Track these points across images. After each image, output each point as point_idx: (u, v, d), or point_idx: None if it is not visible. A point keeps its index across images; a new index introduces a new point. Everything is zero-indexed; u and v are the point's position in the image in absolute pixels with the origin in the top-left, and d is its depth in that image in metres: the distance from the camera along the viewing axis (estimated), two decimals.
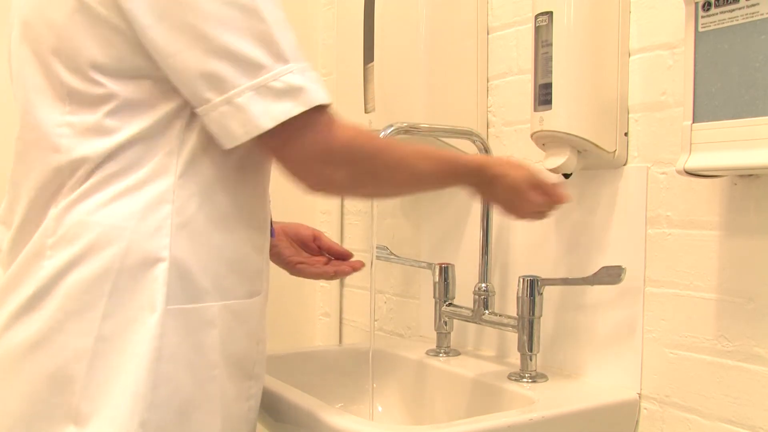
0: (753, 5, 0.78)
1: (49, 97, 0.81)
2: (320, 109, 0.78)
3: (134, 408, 0.76)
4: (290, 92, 0.76)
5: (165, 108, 0.79)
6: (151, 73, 0.78)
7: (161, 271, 0.79)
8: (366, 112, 1.29)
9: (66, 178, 0.80)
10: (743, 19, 0.79)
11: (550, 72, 1.01)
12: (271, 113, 0.76)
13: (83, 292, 0.77)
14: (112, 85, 0.78)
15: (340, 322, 1.69)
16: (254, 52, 0.75)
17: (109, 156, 0.79)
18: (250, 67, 0.75)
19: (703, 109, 0.83)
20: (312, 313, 1.77)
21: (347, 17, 1.34)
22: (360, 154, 0.83)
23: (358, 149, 0.83)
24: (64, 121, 0.80)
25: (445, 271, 1.24)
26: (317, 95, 0.77)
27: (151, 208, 0.79)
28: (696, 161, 0.84)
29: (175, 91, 0.79)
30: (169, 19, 0.75)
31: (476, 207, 1.25)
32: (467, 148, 1.24)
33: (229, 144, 0.78)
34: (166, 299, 0.78)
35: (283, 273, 1.12)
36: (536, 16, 1.04)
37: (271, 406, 1.01)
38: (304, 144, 0.79)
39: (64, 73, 0.79)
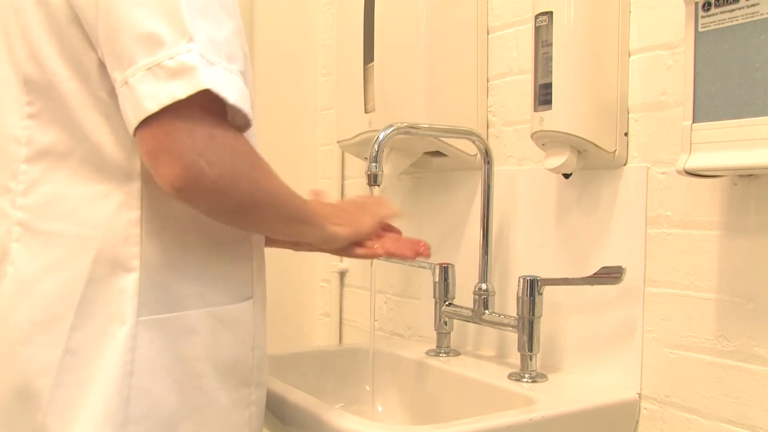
0: (753, 5, 0.78)
1: (14, 89, 0.79)
2: (216, 101, 0.70)
3: (104, 425, 0.73)
4: (181, 72, 0.68)
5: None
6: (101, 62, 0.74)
7: (131, 281, 0.76)
8: (366, 112, 1.29)
9: (24, 171, 0.78)
10: (743, 19, 0.79)
11: (550, 72, 1.01)
12: (158, 95, 0.67)
13: (52, 302, 0.75)
14: (64, 75, 0.76)
15: (340, 322, 1.69)
16: (156, 27, 0.68)
17: (70, 151, 0.77)
18: (150, 43, 0.68)
19: (703, 109, 0.83)
20: (312, 313, 1.77)
21: (347, 17, 1.34)
22: (244, 151, 0.75)
23: (244, 146, 0.75)
24: (24, 113, 0.78)
25: (445, 271, 1.24)
26: (209, 80, 0.68)
27: (118, 215, 0.76)
28: (696, 161, 0.84)
29: None
30: None
31: (476, 207, 1.26)
32: (467, 148, 1.24)
33: (130, 131, 0.70)
34: (137, 310, 0.76)
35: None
36: (536, 16, 1.04)
37: (271, 407, 1.01)
38: (187, 122, 0.69)
39: (23, 62, 0.77)
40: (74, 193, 0.77)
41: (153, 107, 0.67)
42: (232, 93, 0.71)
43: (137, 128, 0.69)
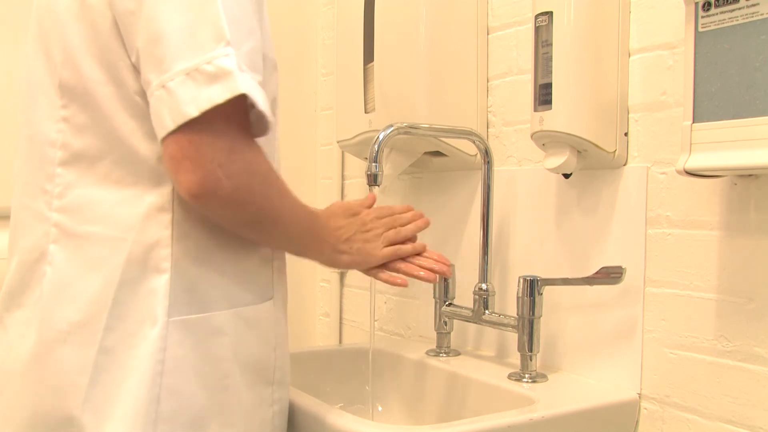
0: (753, 5, 0.78)
1: (49, 93, 0.80)
2: (244, 109, 0.73)
3: (136, 423, 0.75)
4: (219, 76, 0.69)
5: None
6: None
7: (162, 283, 0.77)
8: (366, 112, 1.29)
9: (60, 174, 0.79)
10: (743, 19, 0.79)
11: (550, 72, 1.01)
12: (198, 100, 0.69)
13: (87, 303, 0.77)
14: (99, 79, 0.76)
15: (340, 322, 1.69)
16: (196, 32, 0.70)
17: (103, 154, 0.78)
18: (190, 47, 0.70)
19: (703, 109, 0.83)
20: (312, 313, 1.77)
21: (347, 17, 1.34)
22: (262, 170, 0.76)
23: (262, 165, 0.76)
24: (59, 116, 0.79)
25: None
26: (244, 85, 0.70)
27: (150, 218, 0.78)
28: (696, 161, 0.84)
29: None
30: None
31: (476, 207, 1.26)
32: (467, 148, 1.24)
33: (161, 134, 0.71)
34: (168, 312, 0.77)
35: None
36: (536, 16, 1.04)
37: None
38: (211, 135, 0.71)
39: (59, 66, 0.78)
40: (107, 196, 0.78)
41: (193, 112, 0.69)
42: (261, 100, 0.72)
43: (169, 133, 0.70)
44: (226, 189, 0.72)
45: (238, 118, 0.73)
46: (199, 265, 0.80)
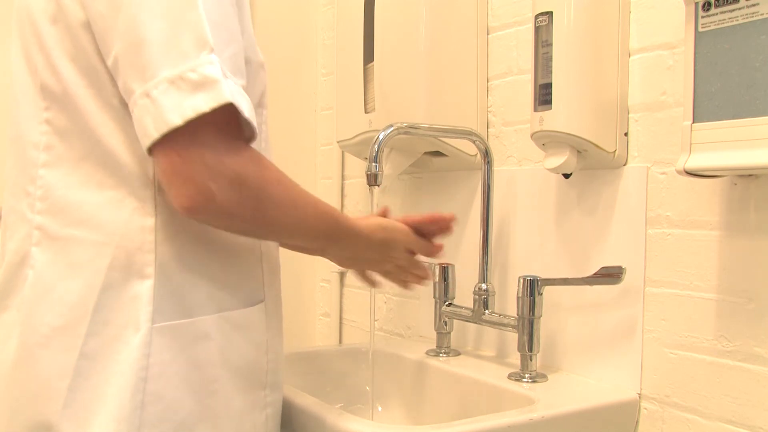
0: (753, 5, 0.78)
1: (32, 95, 0.79)
2: (232, 116, 0.71)
3: (119, 429, 0.74)
4: (203, 85, 0.68)
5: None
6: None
7: (146, 288, 0.76)
8: (366, 112, 1.29)
9: (42, 176, 0.78)
10: (743, 19, 0.79)
11: (550, 72, 1.01)
12: (181, 108, 0.68)
13: (69, 307, 0.76)
14: (77, 82, 0.76)
15: (340, 322, 1.69)
16: (179, 39, 0.69)
17: (85, 157, 0.77)
18: (173, 55, 0.68)
19: (703, 109, 0.83)
20: (312, 313, 1.77)
21: (347, 17, 1.34)
22: (251, 181, 0.74)
23: (252, 175, 0.74)
24: (42, 118, 0.79)
25: (445, 271, 1.24)
26: (229, 93, 0.69)
27: (133, 222, 0.77)
28: (696, 161, 0.84)
29: None
30: (110, 2, 0.71)
31: (476, 207, 1.26)
32: (467, 148, 1.24)
33: (146, 143, 0.70)
34: (152, 318, 0.76)
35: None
36: (536, 16, 1.04)
37: None
38: (199, 148, 0.70)
39: (40, 69, 0.78)
40: (90, 198, 0.77)
41: (177, 120, 0.68)
42: (246, 107, 0.71)
43: (155, 143, 0.69)
44: (217, 202, 0.71)
45: (226, 127, 0.72)
46: (184, 270, 0.79)
